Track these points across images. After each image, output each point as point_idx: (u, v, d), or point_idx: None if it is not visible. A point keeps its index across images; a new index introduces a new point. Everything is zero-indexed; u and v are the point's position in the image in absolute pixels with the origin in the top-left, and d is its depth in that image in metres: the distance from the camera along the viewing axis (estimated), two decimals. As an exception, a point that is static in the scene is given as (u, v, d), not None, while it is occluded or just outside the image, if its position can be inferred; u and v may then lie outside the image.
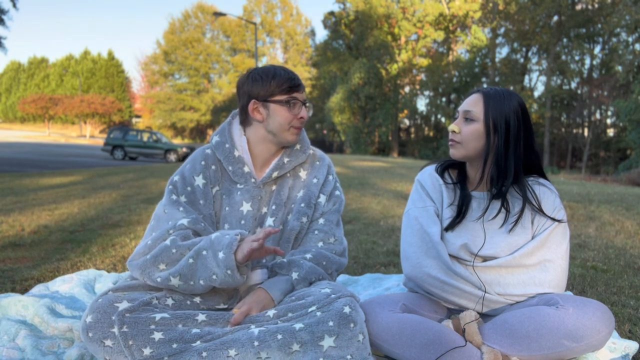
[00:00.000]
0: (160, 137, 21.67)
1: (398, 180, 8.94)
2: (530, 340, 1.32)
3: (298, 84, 1.59)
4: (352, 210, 5.05)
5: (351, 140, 34.93)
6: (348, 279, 2.45)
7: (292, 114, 1.59)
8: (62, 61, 59.49)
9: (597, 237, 3.74)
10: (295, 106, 1.59)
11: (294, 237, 1.62)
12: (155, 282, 1.41)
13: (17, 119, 59.61)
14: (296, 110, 1.59)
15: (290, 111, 1.58)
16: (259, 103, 1.58)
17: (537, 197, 1.52)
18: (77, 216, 4.43)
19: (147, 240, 1.48)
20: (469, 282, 1.50)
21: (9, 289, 2.23)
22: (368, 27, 34.84)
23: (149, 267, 1.42)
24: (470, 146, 1.53)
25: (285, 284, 1.48)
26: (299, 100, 1.59)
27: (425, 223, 1.58)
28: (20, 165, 13.65)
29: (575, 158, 31.69)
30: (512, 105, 1.51)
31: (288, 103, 1.58)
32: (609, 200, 6.00)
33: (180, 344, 1.25)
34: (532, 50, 32.65)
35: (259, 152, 1.64)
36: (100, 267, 2.66)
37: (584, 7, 28.69)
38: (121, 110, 46.08)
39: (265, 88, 1.57)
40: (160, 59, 50.14)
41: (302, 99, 1.61)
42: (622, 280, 2.55)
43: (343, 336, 1.26)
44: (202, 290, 1.42)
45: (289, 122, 1.59)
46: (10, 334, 1.65)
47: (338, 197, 1.71)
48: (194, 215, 1.53)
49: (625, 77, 22.81)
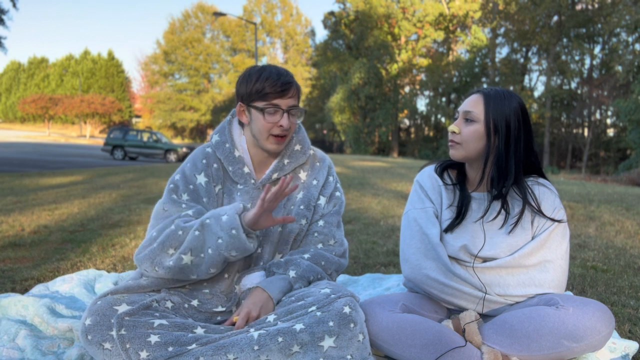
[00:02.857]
0: (160, 137, 21.66)
1: (398, 180, 8.93)
2: (530, 340, 1.32)
3: (281, 90, 1.48)
4: (352, 210, 5.05)
5: (351, 140, 34.92)
6: (348, 279, 2.45)
7: (269, 123, 1.50)
8: (62, 61, 59.46)
9: (597, 237, 3.74)
10: (275, 114, 1.50)
11: (293, 239, 1.61)
12: (167, 270, 1.40)
13: (17, 119, 59.59)
14: (276, 118, 1.50)
15: (266, 119, 1.50)
16: (244, 106, 1.55)
17: (536, 198, 1.52)
18: (77, 216, 4.43)
19: (152, 232, 1.47)
20: (468, 283, 1.49)
21: (9, 289, 2.23)
22: (368, 27, 34.82)
23: (158, 254, 1.41)
24: (471, 147, 1.52)
25: (282, 282, 1.47)
26: (280, 107, 1.50)
27: (424, 224, 1.58)
28: (20, 165, 13.65)
29: (575, 158, 31.67)
30: (513, 105, 1.51)
31: (262, 111, 1.50)
32: (609, 200, 5.99)
33: (176, 347, 1.24)
34: (532, 50, 32.65)
35: (253, 154, 1.62)
36: (100, 267, 2.66)
37: (584, 7, 28.67)
38: (121, 110, 46.09)
39: (248, 91, 1.51)
40: (160, 59, 50.12)
41: (285, 106, 1.50)
42: (622, 280, 2.55)
43: (343, 336, 1.26)
44: (214, 265, 1.41)
45: (267, 130, 1.52)
46: (10, 334, 1.65)
47: (338, 199, 1.69)
48: (199, 207, 1.52)
49: (625, 77, 22.80)
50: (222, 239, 1.36)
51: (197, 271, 1.42)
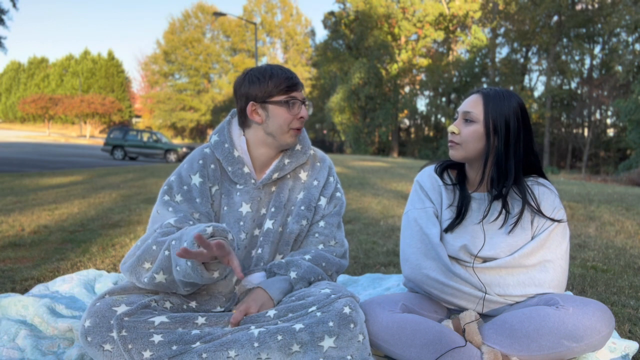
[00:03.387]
0: (160, 137, 21.66)
1: (398, 180, 8.94)
2: (530, 340, 1.32)
3: (296, 83, 1.55)
4: (352, 210, 5.05)
5: (351, 140, 34.93)
6: (348, 279, 2.45)
7: (291, 114, 1.54)
8: (62, 61, 59.47)
9: (597, 237, 3.74)
10: (294, 106, 1.55)
11: (294, 239, 1.61)
12: (143, 284, 1.37)
13: (17, 119, 59.60)
14: (296, 110, 1.55)
15: (289, 111, 1.54)
16: (258, 105, 1.54)
17: (536, 198, 1.52)
18: (77, 216, 4.43)
19: (138, 242, 1.46)
20: (468, 283, 1.49)
21: (9, 289, 2.23)
22: (368, 27, 34.83)
23: (135, 268, 1.38)
24: (470, 147, 1.52)
25: (283, 283, 1.47)
26: (298, 99, 1.55)
27: (424, 224, 1.58)
28: (20, 165, 13.65)
29: (575, 158, 31.67)
30: (512, 106, 1.51)
31: (287, 103, 1.53)
32: (609, 200, 6.00)
33: (180, 346, 1.24)
34: (532, 50, 32.65)
35: (259, 154, 1.61)
36: (100, 267, 2.66)
37: (584, 7, 28.67)
38: (121, 110, 46.08)
39: (262, 89, 1.52)
40: (160, 59, 50.12)
41: (301, 98, 1.56)
42: (622, 280, 2.55)
43: (343, 336, 1.26)
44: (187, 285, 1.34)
45: (288, 123, 1.55)
46: (10, 334, 1.65)
47: (339, 199, 1.69)
48: (182, 214, 1.49)
49: (625, 77, 22.81)
50: (180, 266, 1.27)
51: (174, 288, 1.37)
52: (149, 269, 1.37)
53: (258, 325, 1.30)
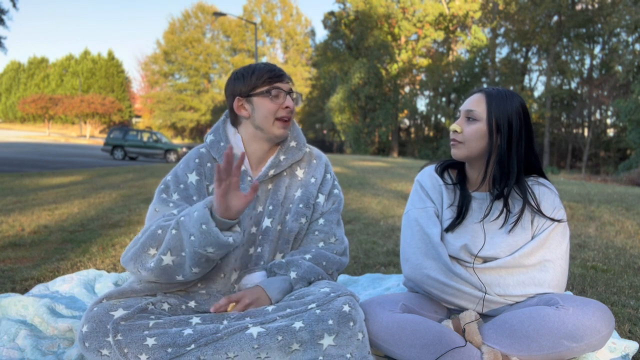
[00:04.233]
0: (160, 137, 21.67)
1: (398, 180, 8.94)
2: (530, 340, 1.32)
3: (280, 75, 1.56)
4: (352, 210, 5.05)
5: (351, 140, 34.93)
6: (348, 279, 2.45)
7: (276, 104, 1.55)
8: (62, 61, 59.48)
9: (597, 237, 3.74)
10: (279, 96, 1.56)
11: (293, 238, 1.60)
12: (149, 271, 1.38)
13: (17, 119, 59.60)
14: (280, 100, 1.56)
15: (273, 101, 1.55)
16: (243, 99, 1.57)
17: (536, 198, 1.52)
18: (77, 216, 4.43)
19: (138, 234, 1.47)
20: (469, 283, 1.49)
21: (9, 289, 2.23)
22: (368, 27, 34.84)
23: (139, 255, 1.39)
24: (473, 146, 1.52)
25: (283, 283, 1.47)
26: (282, 90, 1.56)
27: (425, 224, 1.57)
28: (20, 165, 13.65)
29: (575, 158, 31.67)
30: (515, 105, 1.51)
31: (269, 92, 1.55)
32: (609, 200, 6.00)
33: (175, 349, 1.24)
34: (532, 50, 32.66)
35: (253, 150, 1.62)
36: (100, 267, 2.66)
37: (584, 7, 28.68)
38: (121, 110, 46.08)
39: (246, 83, 1.55)
40: (160, 59, 50.12)
41: (286, 89, 1.58)
42: (622, 280, 2.55)
43: (343, 335, 1.26)
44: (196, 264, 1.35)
45: (273, 113, 1.55)
46: (10, 334, 1.65)
47: (337, 196, 1.69)
48: (186, 206, 1.50)
49: (625, 77, 22.80)
50: (194, 235, 1.31)
51: (180, 271, 1.38)
52: (154, 254, 1.38)
53: (255, 322, 1.29)
